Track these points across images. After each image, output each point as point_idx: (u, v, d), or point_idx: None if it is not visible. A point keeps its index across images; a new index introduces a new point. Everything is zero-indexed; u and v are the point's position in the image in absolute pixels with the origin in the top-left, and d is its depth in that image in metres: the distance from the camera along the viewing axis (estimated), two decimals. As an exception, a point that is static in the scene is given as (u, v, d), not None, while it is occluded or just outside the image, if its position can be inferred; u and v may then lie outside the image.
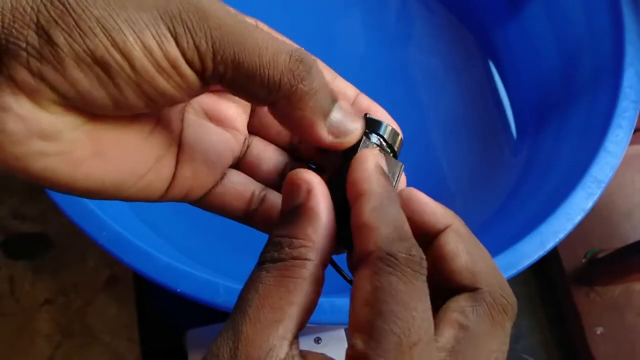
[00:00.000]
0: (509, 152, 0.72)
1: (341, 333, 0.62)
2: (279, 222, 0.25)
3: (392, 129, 0.28)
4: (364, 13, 0.79)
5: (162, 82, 0.23)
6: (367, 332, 0.22)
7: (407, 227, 0.24)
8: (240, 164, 0.31)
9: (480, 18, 0.78)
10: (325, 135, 0.25)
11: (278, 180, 0.31)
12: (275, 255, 0.24)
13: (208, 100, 0.30)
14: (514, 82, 0.75)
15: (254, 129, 0.31)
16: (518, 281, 0.77)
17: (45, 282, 0.73)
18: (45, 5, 0.21)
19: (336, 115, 0.26)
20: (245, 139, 0.31)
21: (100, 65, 0.22)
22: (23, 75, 0.21)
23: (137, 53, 0.22)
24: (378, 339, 0.21)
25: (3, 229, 0.75)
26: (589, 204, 0.51)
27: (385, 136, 0.28)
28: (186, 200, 0.29)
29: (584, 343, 0.71)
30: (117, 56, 0.22)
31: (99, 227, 0.46)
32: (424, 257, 0.23)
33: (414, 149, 0.72)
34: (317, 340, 0.62)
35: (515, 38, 0.75)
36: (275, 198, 0.30)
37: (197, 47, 0.22)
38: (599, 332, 0.71)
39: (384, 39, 0.78)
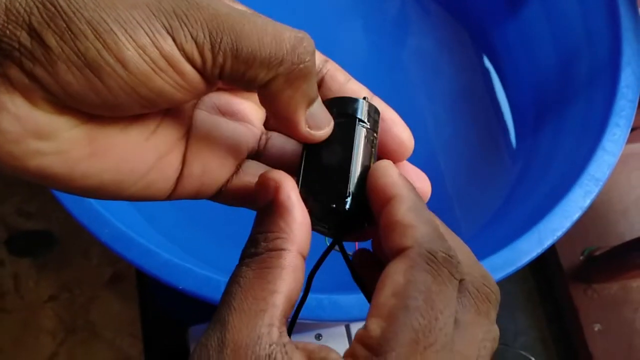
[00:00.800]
0: (507, 151, 0.72)
1: (342, 329, 0.62)
2: (255, 222, 0.26)
3: (369, 104, 0.28)
4: (364, 17, 0.79)
5: (159, 82, 0.22)
6: (387, 320, 0.22)
7: (442, 229, 0.24)
8: (263, 157, 0.30)
9: (479, 18, 0.78)
10: (303, 124, 0.25)
11: None
12: (252, 250, 0.25)
13: (221, 97, 0.29)
14: (513, 82, 0.75)
15: (272, 127, 0.31)
16: (516, 278, 0.77)
17: (49, 279, 0.73)
18: (37, 8, 0.21)
19: (317, 107, 0.26)
20: (262, 134, 0.30)
21: (92, 67, 0.21)
22: (17, 74, 0.21)
23: (130, 53, 0.21)
24: (396, 330, 0.21)
25: (7, 226, 0.75)
26: (587, 202, 0.51)
27: (369, 114, 0.28)
28: (200, 197, 0.28)
29: (582, 339, 0.71)
30: (109, 58, 0.21)
31: (102, 224, 0.46)
32: (460, 261, 0.23)
33: (413, 150, 0.72)
34: (318, 337, 0.62)
35: (513, 38, 0.74)
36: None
37: (194, 40, 0.22)
38: (596, 329, 0.71)
39: (384, 41, 0.78)
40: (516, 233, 0.50)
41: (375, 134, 0.27)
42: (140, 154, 0.25)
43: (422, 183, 0.29)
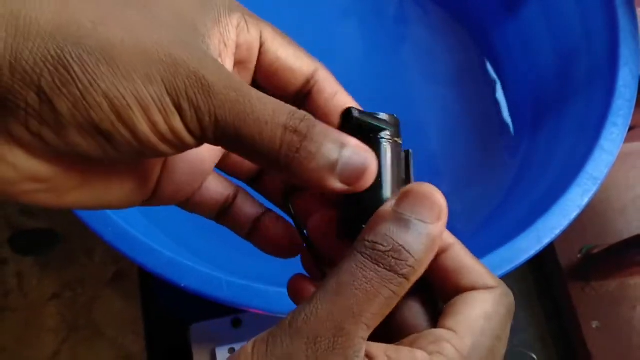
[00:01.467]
0: (506, 150, 0.72)
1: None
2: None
3: (390, 115, 0.28)
4: (363, 17, 0.79)
5: (162, 148, 0.23)
6: (478, 335, 0.26)
7: None
8: (225, 161, 0.32)
9: (478, 18, 0.78)
10: (338, 185, 0.24)
11: (258, 172, 0.32)
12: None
13: None
14: (512, 82, 0.75)
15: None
16: (515, 276, 0.77)
17: (52, 277, 0.73)
18: (49, 70, 0.21)
19: (344, 162, 0.24)
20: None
21: (104, 135, 0.22)
22: (20, 132, 0.21)
23: (143, 128, 0.22)
24: (484, 345, 0.26)
25: (11, 225, 0.75)
26: (585, 201, 0.51)
27: (392, 127, 0.28)
28: (164, 204, 0.31)
29: (580, 337, 0.71)
30: (123, 130, 0.22)
31: (105, 223, 0.46)
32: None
33: (412, 148, 0.72)
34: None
35: (512, 38, 0.75)
36: (242, 202, 0.32)
37: (199, 122, 0.23)
38: (594, 326, 0.71)
39: (383, 42, 0.78)
40: (515, 231, 0.50)
41: (398, 141, 0.28)
42: (125, 182, 0.27)
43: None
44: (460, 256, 0.27)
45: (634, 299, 0.73)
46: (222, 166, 0.32)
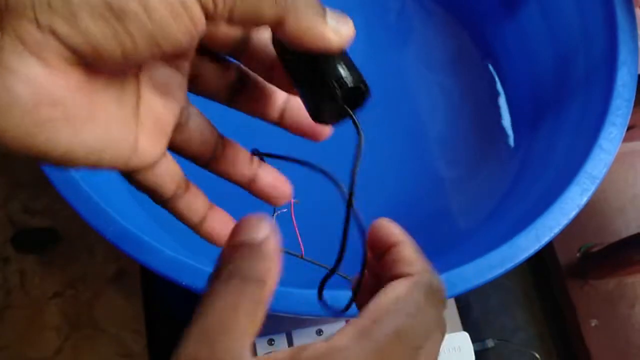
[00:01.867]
0: (506, 150, 0.72)
1: (342, 325, 0.63)
2: (226, 252, 0.27)
3: None
4: (364, 17, 0.79)
5: (173, 28, 0.22)
6: (383, 315, 0.25)
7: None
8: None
9: (478, 19, 0.78)
10: (332, 36, 0.27)
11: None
12: None
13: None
14: (511, 81, 0.75)
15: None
16: (515, 275, 0.77)
17: (54, 275, 0.73)
18: None
19: (330, 13, 0.27)
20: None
21: (116, 14, 0.21)
22: (30, 30, 0.20)
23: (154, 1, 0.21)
24: (387, 323, 0.25)
25: (13, 223, 0.75)
26: (584, 200, 0.51)
27: None
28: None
29: (579, 335, 0.71)
30: (134, 4, 0.21)
31: (106, 222, 0.46)
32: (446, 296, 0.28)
33: (412, 148, 0.72)
34: (319, 332, 0.62)
35: (512, 38, 0.75)
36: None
37: None
38: (593, 324, 0.71)
39: (385, 41, 0.78)
40: (514, 230, 0.50)
41: None
42: (138, 122, 0.27)
43: (284, 186, 0.34)
44: (402, 251, 0.29)
45: (632, 297, 0.73)
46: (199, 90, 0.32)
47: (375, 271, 0.31)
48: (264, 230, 0.26)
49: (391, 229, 0.30)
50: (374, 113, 0.73)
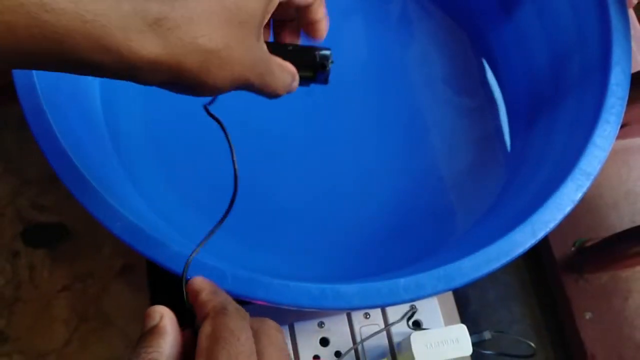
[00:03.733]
0: (502, 147, 0.72)
1: (343, 317, 0.63)
2: (139, 340, 0.33)
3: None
4: (364, 18, 0.79)
5: None
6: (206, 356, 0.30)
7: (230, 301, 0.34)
8: None
9: (476, 20, 0.78)
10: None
11: None
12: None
13: None
14: (508, 80, 0.75)
15: None
16: (511, 269, 0.77)
17: (63, 269, 0.74)
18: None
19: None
20: None
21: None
22: None
23: None
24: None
25: (23, 219, 0.76)
26: (578, 195, 0.51)
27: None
28: None
29: (574, 327, 0.71)
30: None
31: (114, 217, 0.46)
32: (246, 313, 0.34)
33: (411, 145, 0.72)
34: (320, 325, 0.62)
35: (508, 39, 0.75)
36: None
37: None
38: (587, 317, 0.71)
39: (385, 41, 0.78)
40: (510, 225, 0.50)
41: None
42: None
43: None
44: (200, 299, 0.36)
45: (625, 291, 0.73)
46: None
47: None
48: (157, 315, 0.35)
49: (195, 284, 0.37)
50: (374, 112, 0.74)
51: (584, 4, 0.60)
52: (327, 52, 0.44)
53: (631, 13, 0.59)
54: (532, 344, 0.61)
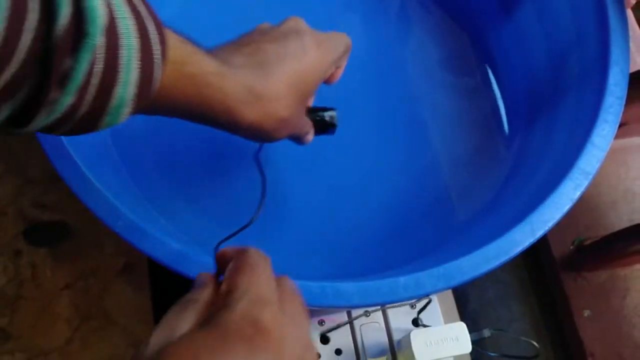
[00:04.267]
0: (501, 146, 0.72)
1: (343, 315, 0.63)
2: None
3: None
4: (364, 16, 0.79)
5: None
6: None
7: None
8: None
9: (475, 20, 0.78)
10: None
11: None
12: None
13: None
14: (507, 80, 0.75)
15: None
16: (510, 267, 0.77)
17: (65, 268, 0.74)
18: None
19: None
20: None
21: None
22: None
23: None
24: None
25: (25, 217, 0.76)
26: (577, 194, 0.51)
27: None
28: None
29: (572, 325, 0.71)
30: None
31: (115, 216, 0.46)
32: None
33: (411, 144, 0.72)
34: (321, 323, 0.62)
35: (508, 39, 0.75)
36: None
37: None
38: (586, 315, 0.71)
39: (384, 39, 0.78)
40: (509, 224, 0.50)
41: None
42: None
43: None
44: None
45: (623, 289, 0.73)
46: None
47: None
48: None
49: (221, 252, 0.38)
50: (374, 110, 0.74)
51: (583, 4, 0.60)
52: (333, 113, 0.55)
53: (629, 14, 0.59)
54: (536, 344, 0.61)
